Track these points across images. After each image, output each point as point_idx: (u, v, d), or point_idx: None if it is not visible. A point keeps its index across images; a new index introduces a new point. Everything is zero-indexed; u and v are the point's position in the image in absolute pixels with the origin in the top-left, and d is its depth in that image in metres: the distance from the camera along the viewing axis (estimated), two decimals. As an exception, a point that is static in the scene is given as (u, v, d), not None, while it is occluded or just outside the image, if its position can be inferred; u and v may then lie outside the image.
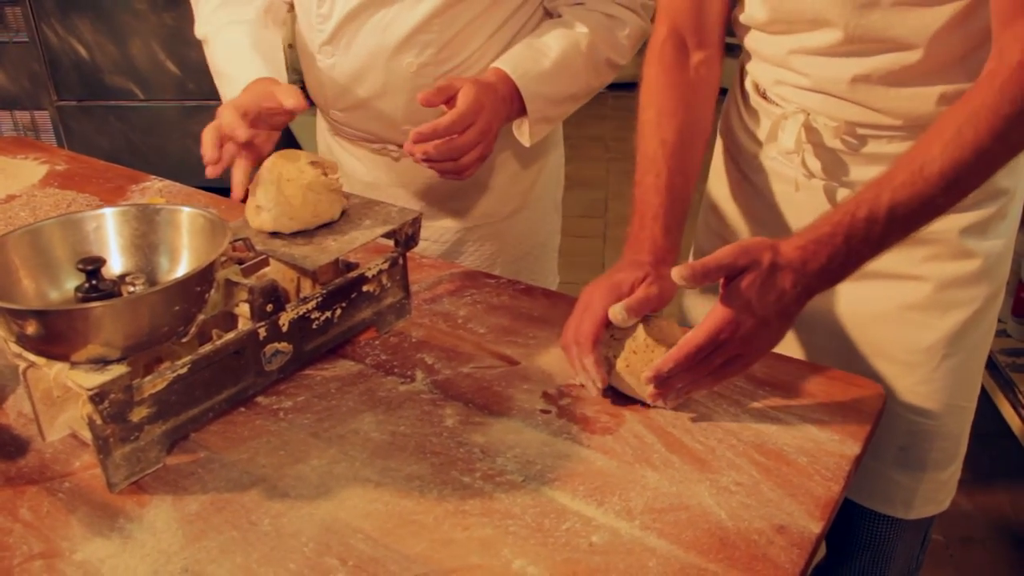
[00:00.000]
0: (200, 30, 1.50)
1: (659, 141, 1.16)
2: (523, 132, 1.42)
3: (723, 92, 1.30)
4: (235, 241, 1.10)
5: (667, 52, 1.21)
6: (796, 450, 0.98)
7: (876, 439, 1.19)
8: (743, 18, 1.22)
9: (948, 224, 1.15)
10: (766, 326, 0.97)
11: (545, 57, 1.37)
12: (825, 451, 0.98)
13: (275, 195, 1.10)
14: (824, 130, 1.17)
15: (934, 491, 1.30)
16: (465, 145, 1.26)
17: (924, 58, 1.06)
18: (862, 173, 1.16)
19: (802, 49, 1.15)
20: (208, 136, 1.26)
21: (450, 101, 1.27)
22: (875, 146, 1.15)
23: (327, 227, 1.14)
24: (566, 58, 1.38)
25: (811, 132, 1.18)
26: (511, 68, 1.35)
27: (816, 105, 1.17)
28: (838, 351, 1.27)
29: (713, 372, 1.00)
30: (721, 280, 0.96)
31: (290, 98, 1.23)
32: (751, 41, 1.24)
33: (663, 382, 0.99)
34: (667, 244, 1.10)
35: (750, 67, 1.28)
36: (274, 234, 1.13)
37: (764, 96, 1.25)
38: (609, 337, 1.06)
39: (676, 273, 0.92)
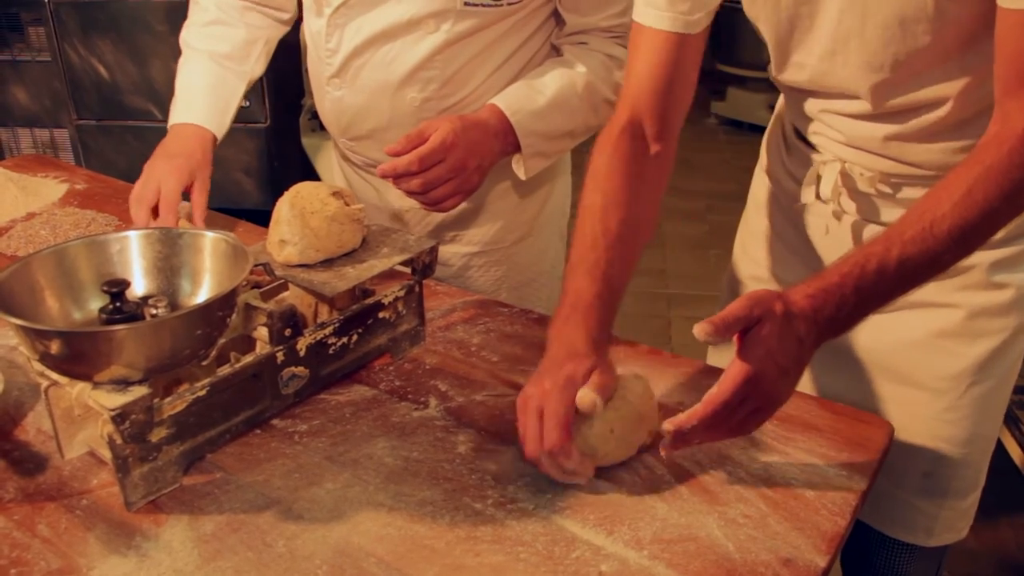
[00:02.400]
0: (182, 37, 1.61)
1: (602, 229, 1.11)
2: (519, 166, 1.45)
3: (754, 127, 1.33)
4: (255, 266, 1.12)
5: (623, 140, 1.17)
6: (803, 484, 1.00)
7: (900, 466, 1.21)
8: (775, 76, 1.25)
9: (977, 259, 1.18)
10: (786, 375, 0.95)
11: (541, 95, 1.40)
12: (832, 485, 1.00)
13: (300, 228, 1.12)
14: (859, 179, 1.20)
15: (955, 519, 1.32)
16: (433, 180, 1.30)
17: (953, 111, 1.10)
18: (893, 215, 1.19)
19: (833, 110, 1.18)
20: (140, 211, 1.44)
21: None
22: (908, 192, 1.19)
23: (346, 255, 1.16)
24: (562, 96, 1.40)
25: (847, 178, 1.22)
26: (505, 105, 1.38)
27: (851, 156, 1.21)
28: (866, 378, 1.30)
29: (733, 428, 0.97)
30: (736, 335, 0.94)
31: (197, 219, 1.45)
32: (786, 92, 1.27)
33: (681, 437, 0.95)
34: (601, 337, 1.05)
35: (788, 112, 1.31)
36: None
37: (803, 139, 1.29)
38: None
39: (699, 330, 0.89)
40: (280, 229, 1.14)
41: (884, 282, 0.97)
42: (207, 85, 1.55)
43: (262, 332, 1.07)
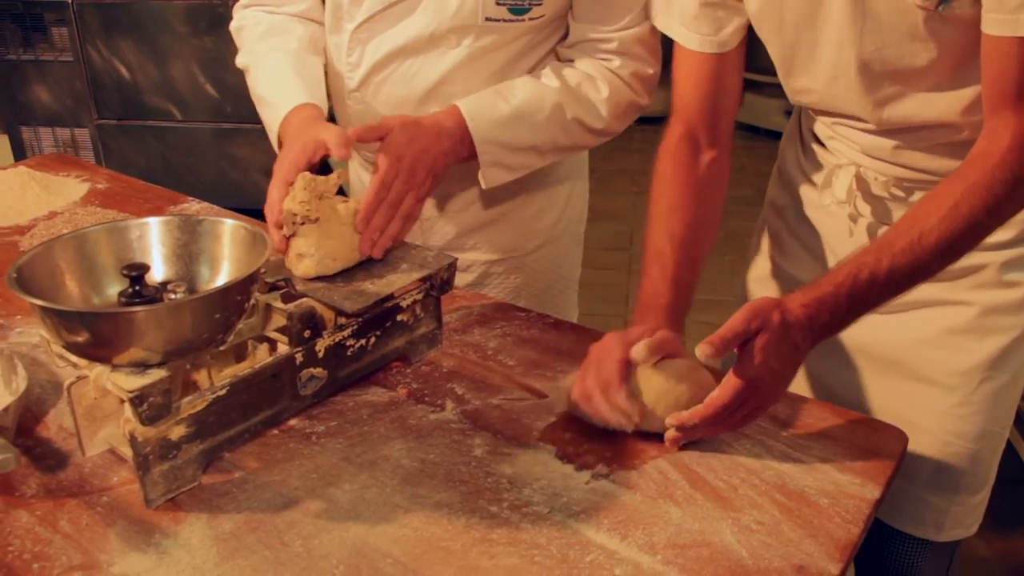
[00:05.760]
0: (242, 59, 1.53)
1: (668, 234, 1.19)
2: (482, 176, 1.40)
3: (770, 133, 1.35)
4: (276, 280, 1.13)
5: (681, 150, 1.25)
6: (817, 491, 1.00)
7: (910, 461, 1.22)
8: (788, 96, 1.27)
9: (989, 258, 1.20)
10: (781, 379, 1.03)
11: (506, 104, 1.36)
12: (846, 493, 1.00)
13: (317, 239, 1.13)
14: (873, 183, 1.23)
15: (964, 514, 1.33)
16: (396, 199, 1.24)
17: (960, 130, 1.13)
18: None
19: (845, 124, 1.22)
20: (271, 221, 1.22)
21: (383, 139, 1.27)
22: (921, 196, 1.20)
23: (366, 269, 1.17)
24: (528, 108, 1.37)
25: (861, 182, 1.25)
26: (466, 109, 1.35)
27: (866, 162, 1.24)
28: (878, 375, 1.31)
29: (732, 425, 1.05)
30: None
31: (340, 147, 1.21)
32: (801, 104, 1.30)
33: (685, 431, 1.04)
34: (672, 328, 1.12)
35: (805, 116, 1.34)
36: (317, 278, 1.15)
37: (820, 143, 1.31)
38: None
39: (701, 352, 0.96)
40: (297, 243, 1.14)
41: (875, 290, 1.04)
42: (290, 72, 1.43)
43: (281, 333, 1.08)
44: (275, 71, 1.45)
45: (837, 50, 1.12)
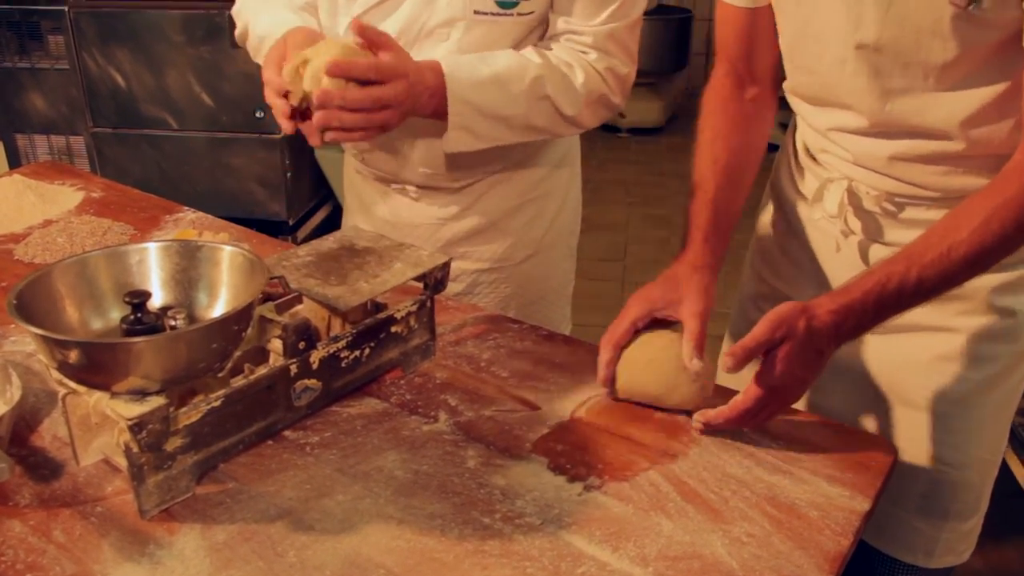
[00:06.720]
0: (239, 27, 1.54)
1: (711, 159, 1.27)
2: (446, 137, 1.40)
3: (772, 148, 1.37)
4: (271, 279, 1.13)
5: (725, 85, 1.34)
6: (807, 504, 1.01)
7: (899, 486, 1.22)
8: (786, 86, 1.27)
9: (979, 283, 1.19)
10: (804, 383, 1.06)
11: (486, 67, 1.36)
12: (836, 506, 1.01)
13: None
14: (865, 198, 1.24)
15: (955, 541, 1.32)
16: (383, 98, 1.24)
17: (957, 144, 1.13)
18: (897, 235, 1.23)
19: (839, 127, 1.22)
20: (272, 99, 1.31)
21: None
22: (912, 212, 1.22)
23: (359, 268, 1.17)
24: (507, 76, 1.37)
25: (852, 196, 1.25)
26: (446, 64, 1.35)
27: (858, 175, 1.24)
28: (865, 399, 1.31)
29: (757, 423, 1.10)
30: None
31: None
32: (796, 107, 1.31)
33: (709, 428, 1.10)
34: (706, 250, 1.21)
35: (799, 129, 1.35)
36: (308, 277, 1.16)
37: (812, 157, 1.32)
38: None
39: (722, 364, 1.00)
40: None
41: (902, 300, 1.05)
42: (288, 13, 1.44)
43: (276, 344, 1.09)
44: (273, 14, 1.45)
45: (855, 29, 1.11)
